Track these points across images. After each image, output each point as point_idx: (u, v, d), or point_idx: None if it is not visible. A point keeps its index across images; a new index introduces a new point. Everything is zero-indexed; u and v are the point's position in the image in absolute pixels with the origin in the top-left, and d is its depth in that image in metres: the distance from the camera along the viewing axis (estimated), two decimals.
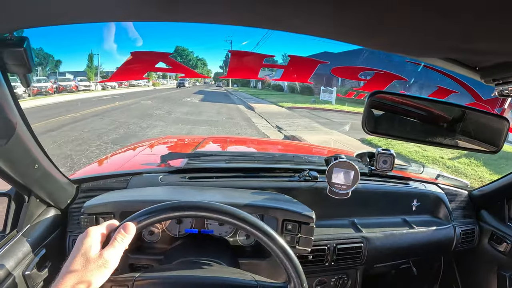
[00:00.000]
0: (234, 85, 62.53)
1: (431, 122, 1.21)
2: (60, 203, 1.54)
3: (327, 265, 1.68)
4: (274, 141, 6.24)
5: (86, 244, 0.87)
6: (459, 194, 2.11)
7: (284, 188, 1.71)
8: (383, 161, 1.60)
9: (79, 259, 0.84)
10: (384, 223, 1.85)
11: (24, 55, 0.78)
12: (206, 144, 2.87)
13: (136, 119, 13.52)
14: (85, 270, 0.83)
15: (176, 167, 1.84)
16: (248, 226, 0.96)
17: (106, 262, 0.86)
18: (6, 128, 1.00)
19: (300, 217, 1.38)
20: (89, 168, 2.38)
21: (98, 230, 0.91)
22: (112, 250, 0.88)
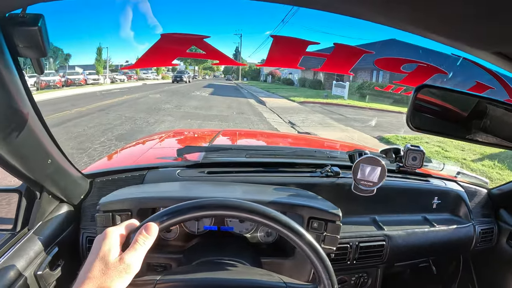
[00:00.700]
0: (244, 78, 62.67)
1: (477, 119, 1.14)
2: (73, 199, 1.50)
3: (348, 264, 1.64)
4: (291, 135, 6.20)
5: (104, 247, 0.81)
6: (478, 192, 2.06)
7: (305, 184, 1.67)
8: (413, 157, 1.55)
9: (97, 264, 0.78)
10: (405, 221, 1.81)
11: (38, 35, 0.71)
12: (221, 137, 2.83)
13: (143, 113, 13.40)
14: (105, 276, 0.77)
15: (193, 161, 1.80)
16: (280, 227, 0.91)
17: (127, 267, 0.80)
18: (17, 120, 0.95)
19: (326, 215, 1.34)
20: (102, 162, 2.37)
21: (117, 231, 0.85)
22: (133, 254, 0.82)
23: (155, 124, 11.23)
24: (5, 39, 0.72)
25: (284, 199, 1.38)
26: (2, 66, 0.75)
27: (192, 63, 68.45)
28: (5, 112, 0.89)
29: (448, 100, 1.16)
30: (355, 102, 21.73)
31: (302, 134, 10.72)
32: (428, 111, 1.16)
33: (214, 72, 77.79)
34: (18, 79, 0.85)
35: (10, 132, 0.94)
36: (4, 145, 0.96)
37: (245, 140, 2.96)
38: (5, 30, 0.70)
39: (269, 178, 1.68)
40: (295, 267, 1.39)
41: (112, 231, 0.84)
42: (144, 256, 0.84)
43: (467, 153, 9.22)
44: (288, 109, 17.46)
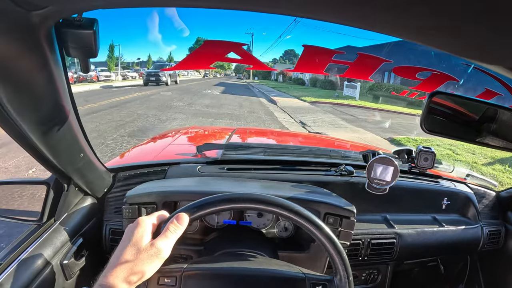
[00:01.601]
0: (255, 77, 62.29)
1: (487, 123, 1.20)
2: (97, 192, 1.54)
3: (360, 260, 1.70)
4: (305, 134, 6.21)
5: (137, 234, 0.85)
6: (487, 194, 2.09)
7: (320, 182, 1.72)
8: (425, 158, 1.61)
9: (130, 249, 0.83)
10: (415, 220, 1.85)
11: (92, 37, 0.74)
12: (237, 135, 2.89)
13: (155, 110, 13.39)
14: (137, 260, 0.82)
15: (213, 158, 1.86)
16: (302, 220, 0.97)
17: (158, 252, 0.84)
18: (60, 116, 0.99)
19: (342, 211, 1.38)
20: (123, 157, 2.40)
21: (149, 220, 0.90)
22: (164, 240, 0.86)
23: (167, 121, 11.18)
24: (59, 40, 0.76)
25: (301, 195, 1.43)
26: (53, 64, 0.79)
27: None
28: (50, 108, 0.93)
29: (459, 105, 1.23)
30: (367, 103, 21.56)
31: (313, 133, 10.66)
32: (441, 115, 1.24)
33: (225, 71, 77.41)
34: (64, 77, 0.89)
35: (52, 127, 0.98)
36: (43, 140, 1.00)
37: (261, 139, 3.00)
38: (61, 32, 0.74)
39: (286, 175, 1.73)
40: (310, 260, 1.43)
41: (144, 219, 0.89)
42: (173, 244, 0.89)
43: (477, 156, 9.12)
44: (299, 109, 17.39)
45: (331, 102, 21.72)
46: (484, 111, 1.19)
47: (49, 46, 0.74)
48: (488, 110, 1.18)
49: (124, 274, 0.80)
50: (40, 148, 1.03)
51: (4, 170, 5.56)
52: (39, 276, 1.12)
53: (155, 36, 64.05)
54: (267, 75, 62.80)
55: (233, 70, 79.65)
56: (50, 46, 0.74)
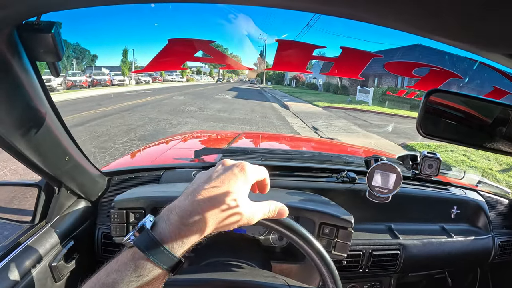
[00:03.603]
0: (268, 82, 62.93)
1: (493, 126, 1.08)
2: (91, 195, 1.54)
3: (361, 272, 1.62)
4: (310, 139, 6.15)
5: (239, 180, 0.72)
6: (499, 202, 1.98)
7: (321, 188, 1.66)
8: (429, 165, 1.52)
9: (229, 195, 0.70)
10: (421, 230, 1.77)
11: (52, 41, 0.74)
12: (240, 140, 2.83)
13: (166, 115, 13.50)
14: (234, 209, 0.70)
15: (210, 162, 1.81)
16: (282, 228, 0.90)
17: (252, 215, 0.74)
18: (35, 119, 0.98)
19: (338, 221, 1.32)
20: (122, 161, 2.38)
21: (253, 171, 0.76)
22: (260, 210, 0.76)
23: (178, 125, 11.29)
24: (23, 44, 0.76)
25: (296, 203, 1.37)
26: (20, 69, 0.79)
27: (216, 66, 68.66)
28: (24, 111, 0.92)
29: (463, 106, 1.10)
30: (380, 108, 21.52)
31: (324, 139, 10.64)
32: (441, 117, 1.12)
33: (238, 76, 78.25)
34: (36, 81, 0.88)
35: (29, 130, 0.97)
36: (23, 142, 0.98)
37: (264, 143, 2.95)
38: (22, 36, 0.74)
39: (285, 182, 1.67)
40: (305, 271, 1.39)
41: (249, 167, 0.76)
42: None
43: (493, 163, 8.95)
44: (311, 114, 17.41)
45: (344, 107, 21.72)
46: (494, 112, 1.06)
47: (13, 50, 0.75)
48: (499, 111, 1.05)
49: (212, 214, 0.69)
50: (23, 152, 1.02)
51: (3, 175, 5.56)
52: (26, 277, 1.11)
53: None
54: (281, 80, 63.54)
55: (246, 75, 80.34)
56: (14, 50, 0.75)
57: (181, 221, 0.66)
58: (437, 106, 1.07)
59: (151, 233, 0.64)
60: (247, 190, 0.75)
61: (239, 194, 0.72)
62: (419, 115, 1.08)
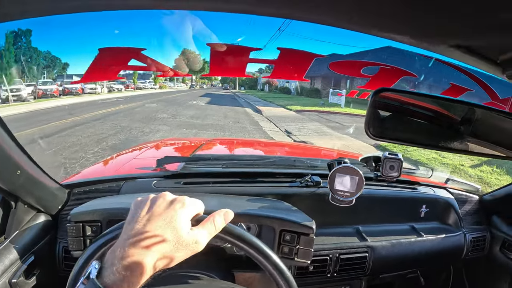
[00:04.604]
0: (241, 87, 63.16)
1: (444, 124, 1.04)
2: (50, 209, 1.49)
3: (329, 276, 1.59)
4: (278, 143, 6.13)
5: (179, 215, 0.75)
6: (469, 199, 2.01)
7: (284, 194, 1.63)
8: (390, 166, 1.50)
9: (170, 231, 0.72)
10: (391, 231, 1.76)
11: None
12: (207, 147, 2.78)
13: (138, 123, 13.35)
14: (174, 244, 0.72)
15: (172, 171, 1.76)
16: (233, 239, 0.87)
17: (195, 243, 0.75)
18: None
19: (299, 227, 1.29)
20: (85, 172, 2.32)
21: (192, 205, 0.80)
22: (205, 232, 0.78)
23: (150, 133, 11.13)
24: None
25: (254, 211, 1.33)
26: None
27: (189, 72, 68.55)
28: None
29: (410, 104, 1.06)
30: (352, 110, 21.72)
31: (297, 142, 10.66)
32: (391, 117, 1.08)
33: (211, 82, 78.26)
34: None
35: None
36: None
37: (229, 149, 2.91)
38: None
39: (246, 188, 1.64)
40: (267, 280, 1.34)
41: (188, 203, 0.80)
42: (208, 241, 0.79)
43: (464, 159, 9.12)
44: (284, 118, 17.45)
45: (317, 110, 21.92)
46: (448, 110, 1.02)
47: None
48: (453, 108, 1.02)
49: (153, 256, 0.69)
50: None
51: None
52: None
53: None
54: (254, 85, 63.77)
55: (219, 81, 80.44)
56: None
57: (124, 266, 0.66)
58: (386, 106, 1.03)
59: (97, 282, 0.64)
60: (189, 224, 0.77)
61: (181, 229, 0.74)
62: (366, 116, 1.04)
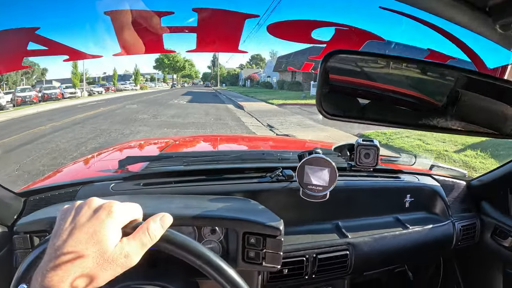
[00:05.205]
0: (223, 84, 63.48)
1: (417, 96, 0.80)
2: (4, 220, 1.35)
3: (306, 278, 1.46)
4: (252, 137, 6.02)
5: (104, 227, 0.63)
6: (456, 185, 1.89)
7: (253, 191, 1.50)
8: (365, 154, 1.34)
9: (88, 245, 0.60)
10: (373, 225, 1.64)
11: None
12: (176, 145, 2.64)
13: (118, 125, 13.29)
14: (96, 262, 0.60)
15: (132, 172, 1.62)
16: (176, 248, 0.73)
17: (126, 257, 0.63)
18: None
19: (263, 228, 1.16)
20: (45, 179, 2.17)
21: (122, 212, 0.67)
22: (138, 244, 0.65)
23: (130, 135, 11.07)
24: None
25: (213, 212, 1.20)
26: None
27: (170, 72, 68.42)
28: None
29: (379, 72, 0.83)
30: None
31: (280, 136, 10.62)
32: (348, 90, 0.85)
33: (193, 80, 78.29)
34: None
35: None
36: None
37: (200, 146, 2.78)
38: None
39: (212, 187, 1.51)
40: None
41: (117, 208, 0.66)
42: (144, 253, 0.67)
43: (448, 144, 9.17)
44: (266, 112, 17.53)
45: (299, 103, 22.11)
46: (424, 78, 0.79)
47: None
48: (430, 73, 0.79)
49: (72, 276, 0.58)
50: None
51: None
52: None
53: None
54: (235, 81, 64.04)
55: (200, 79, 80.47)
56: None
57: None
58: (342, 75, 0.83)
59: None
60: (118, 235, 0.64)
61: (105, 243, 0.62)
62: (317, 89, 0.83)
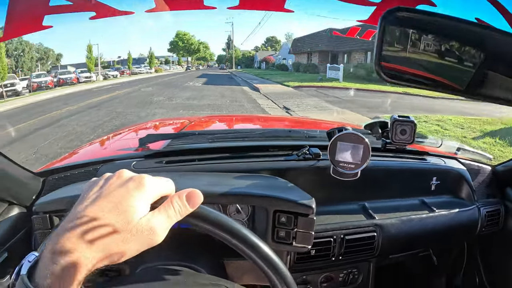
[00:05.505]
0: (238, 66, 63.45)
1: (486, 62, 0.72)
2: (23, 200, 1.34)
3: (333, 260, 1.42)
4: (273, 117, 5.97)
5: (133, 198, 0.58)
6: (482, 170, 1.82)
7: (279, 169, 1.45)
8: (402, 130, 1.26)
9: (116, 216, 0.55)
10: (399, 207, 1.58)
11: None
12: (196, 124, 2.60)
13: (134, 108, 13.36)
14: (121, 235, 0.55)
15: (154, 150, 1.59)
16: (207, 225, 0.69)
17: (152, 232, 0.58)
18: None
19: (295, 207, 1.11)
20: (64, 159, 2.14)
21: (153, 184, 0.62)
22: (165, 219, 0.60)
23: (147, 117, 11.08)
24: None
25: (242, 189, 1.17)
26: None
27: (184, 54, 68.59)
28: None
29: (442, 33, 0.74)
30: (351, 84, 21.74)
31: (292, 116, 10.62)
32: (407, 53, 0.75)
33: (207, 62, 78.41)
34: None
35: None
36: None
37: (220, 125, 2.74)
38: None
39: (236, 164, 1.47)
40: None
41: (148, 181, 0.61)
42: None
43: (466, 131, 9.01)
44: (282, 94, 17.45)
45: (315, 85, 21.98)
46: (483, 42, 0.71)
47: None
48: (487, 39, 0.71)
49: (88, 244, 0.53)
50: None
51: None
52: None
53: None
54: (250, 63, 63.99)
55: (215, 61, 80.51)
56: None
57: (53, 261, 0.51)
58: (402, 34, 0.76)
59: (26, 282, 0.50)
60: (145, 210, 0.59)
61: (131, 214, 0.56)
62: (375, 52, 0.76)
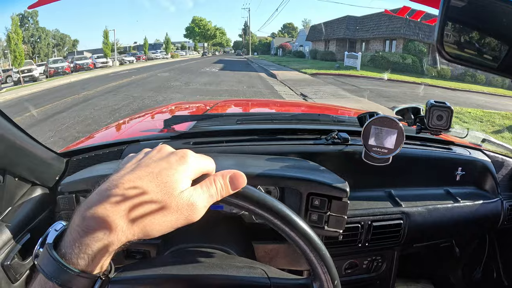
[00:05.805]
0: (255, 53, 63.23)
1: None
2: (47, 181, 1.33)
3: (360, 246, 1.40)
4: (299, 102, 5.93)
5: (176, 171, 0.55)
6: (506, 162, 1.78)
7: (308, 152, 1.43)
8: (438, 116, 1.23)
9: (155, 186, 0.53)
10: (425, 195, 1.56)
11: None
12: (220, 107, 2.59)
13: (151, 92, 13.40)
14: (162, 205, 0.53)
15: (180, 131, 1.58)
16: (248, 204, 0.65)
17: (192, 208, 0.55)
18: None
19: (330, 190, 1.10)
20: (87, 139, 2.15)
21: (196, 161, 0.59)
22: (206, 196, 0.57)
23: (164, 102, 11.13)
24: None
25: (276, 171, 1.15)
26: None
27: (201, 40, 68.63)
28: None
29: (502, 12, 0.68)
30: (368, 73, 21.54)
31: (313, 102, 10.59)
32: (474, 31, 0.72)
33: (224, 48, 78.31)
34: None
35: None
36: None
37: (244, 109, 2.72)
38: None
39: (265, 147, 1.45)
40: (294, 252, 1.17)
41: (192, 157, 0.59)
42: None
43: (485, 124, 8.94)
44: (299, 81, 17.35)
45: (332, 73, 21.83)
46: None
47: None
48: None
49: (123, 213, 0.51)
50: None
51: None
52: None
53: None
54: (267, 50, 63.77)
55: (232, 47, 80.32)
56: None
57: (83, 227, 0.50)
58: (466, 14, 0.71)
59: (51, 251, 0.50)
60: (186, 185, 0.56)
61: (171, 186, 0.54)
62: (438, 27, 0.72)
